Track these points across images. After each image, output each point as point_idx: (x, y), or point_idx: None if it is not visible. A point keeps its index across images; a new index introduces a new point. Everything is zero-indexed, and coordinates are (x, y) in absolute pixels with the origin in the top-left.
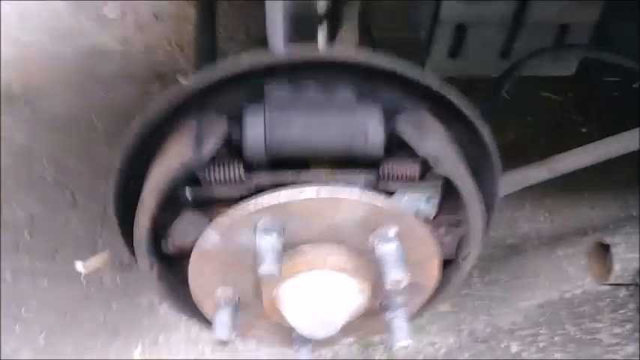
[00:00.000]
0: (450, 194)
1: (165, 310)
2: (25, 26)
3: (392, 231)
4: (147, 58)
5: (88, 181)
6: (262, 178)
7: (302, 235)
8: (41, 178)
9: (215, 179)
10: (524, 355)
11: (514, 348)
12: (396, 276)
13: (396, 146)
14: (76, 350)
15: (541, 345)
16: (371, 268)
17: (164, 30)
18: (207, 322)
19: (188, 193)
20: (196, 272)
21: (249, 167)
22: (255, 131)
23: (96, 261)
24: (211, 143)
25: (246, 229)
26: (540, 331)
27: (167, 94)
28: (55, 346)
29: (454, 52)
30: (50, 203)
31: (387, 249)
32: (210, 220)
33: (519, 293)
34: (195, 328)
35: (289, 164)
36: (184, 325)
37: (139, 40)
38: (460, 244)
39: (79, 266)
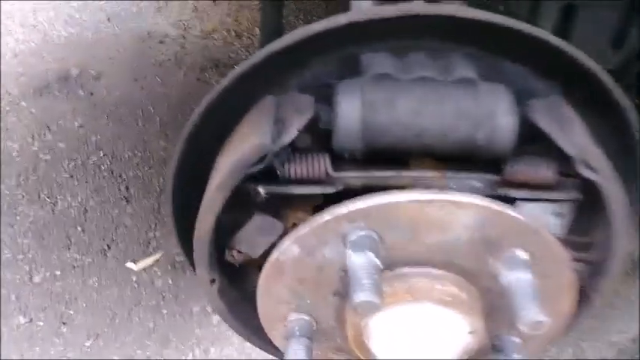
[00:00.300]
0: (580, 209)
1: (219, 319)
2: (82, 5)
3: (523, 253)
4: (204, 44)
5: (143, 173)
6: (354, 175)
7: (403, 253)
8: (96, 168)
9: (295, 174)
10: None
11: None
12: (535, 316)
13: (525, 141)
14: (123, 356)
15: None
16: (489, 298)
17: (222, 16)
18: (272, 346)
19: (260, 189)
20: (267, 291)
21: (339, 161)
22: (350, 112)
23: (148, 261)
24: (294, 126)
25: (333, 241)
26: None
27: (241, 65)
28: (102, 352)
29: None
30: (104, 195)
31: (520, 278)
32: (286, 227)
33: (612, 324)
34: None
35: (383, 161)
36: (238, 338)
37: (197, 25)
38: (590, 273)
39: (132, 265)
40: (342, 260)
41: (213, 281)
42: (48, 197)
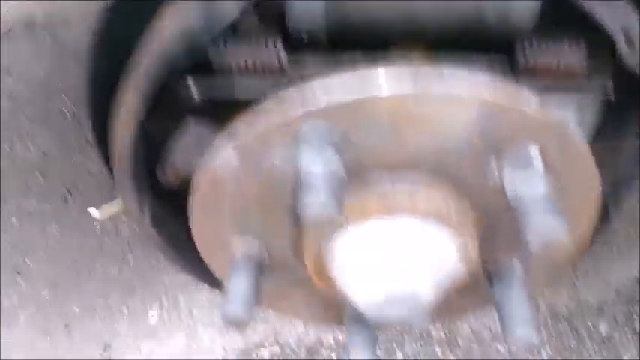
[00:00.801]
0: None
1: None
2: None
3: (535, 150)
4: None
5: None
6: (315, 63)
7: (376, 156)
8: (59, 113)
9: (237, 64)
10: (615, 337)
11: (603, 328)
12: (550, 229)
13: (546, 16)
14: (83, 307)
15: (635, 326)
16: (487, 215)
17: None
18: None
19: (193, 87)
20: (203, 212)
21: (294, 47)
22: None
23: (112, 208)
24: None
25: (285, 144)
26: (635, 309)
27: None
28: (61, 301)
29: None
30: (66, 141)
31: (531, 182)
32: (228, 132)
33: (610, 264)
34: None
35: (354, 49)
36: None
37: None
38: (615, 182)
39: (94, 212)
40: (294, 166)
41: (142, 209)
42: (7, 144)
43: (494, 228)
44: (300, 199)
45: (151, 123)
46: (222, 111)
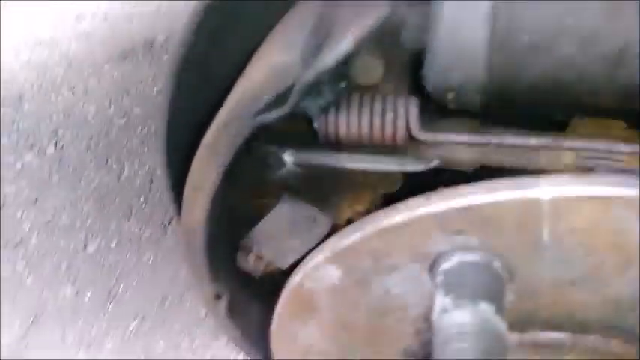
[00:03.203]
0: None
1: None
2: None
3: None
4: None
5: None
6: (464, 140)
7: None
8: None
9: (349, 132)
10: None
11: None
12: None
13: None
14: (166, 347)
15: None
16: None
17: None
18: None
19: (289, 158)
20: (286, 335)
21: (432, 114)
22: (467, 14)
23: None
24: (347, 35)
25: (411, 264)
26: None
27: None
28: (145, 337)
29: None
30: None
31: None
32: (337, 223)
33: None
34: None
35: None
36: None
37: None
38: None
39: None
40: (424, 303)
41: (218, 297)
42: (116, 163)
43: None
44: (437, 353)
45: (234, 193)
46: (331, 187)
